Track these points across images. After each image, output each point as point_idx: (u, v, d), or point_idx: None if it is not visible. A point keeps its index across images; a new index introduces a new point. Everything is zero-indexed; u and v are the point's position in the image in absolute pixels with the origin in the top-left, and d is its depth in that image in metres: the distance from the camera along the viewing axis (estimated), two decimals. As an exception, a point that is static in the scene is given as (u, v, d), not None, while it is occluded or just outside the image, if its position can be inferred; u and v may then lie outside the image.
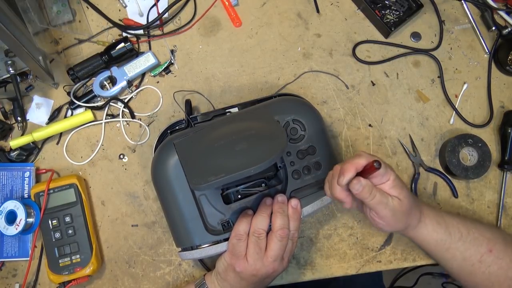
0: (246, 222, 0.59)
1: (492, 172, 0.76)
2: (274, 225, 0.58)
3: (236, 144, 0.57)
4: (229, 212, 0.61)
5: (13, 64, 0.69)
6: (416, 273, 1.24)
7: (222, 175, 0.52)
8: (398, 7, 0.79)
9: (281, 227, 0.58)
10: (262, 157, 0.53)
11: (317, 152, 0.65)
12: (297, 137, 0.65)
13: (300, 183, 0.63)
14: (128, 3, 0.79)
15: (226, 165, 0.54)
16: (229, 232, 0.60)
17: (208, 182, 0.52)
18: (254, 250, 0.57)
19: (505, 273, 0.60)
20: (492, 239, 0.62)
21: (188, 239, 0.61)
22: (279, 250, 0.58)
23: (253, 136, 0.58)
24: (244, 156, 0.55)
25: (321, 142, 0.66)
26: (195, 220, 0.61)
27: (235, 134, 0.59)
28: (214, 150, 0.57)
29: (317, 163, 0.64)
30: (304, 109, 0.67)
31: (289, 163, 0.63)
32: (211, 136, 0.60)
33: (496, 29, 0.79)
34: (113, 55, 0.74)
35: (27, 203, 0.68)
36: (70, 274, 0.67)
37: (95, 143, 0.75)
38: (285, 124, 0.64)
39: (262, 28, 0.79)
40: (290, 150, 0.64)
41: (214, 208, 0.61)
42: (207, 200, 0.61)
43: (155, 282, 0.71)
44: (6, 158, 0.72)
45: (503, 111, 0.78)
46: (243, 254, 0.58)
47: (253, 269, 0.58)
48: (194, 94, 0.76)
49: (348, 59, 0.79)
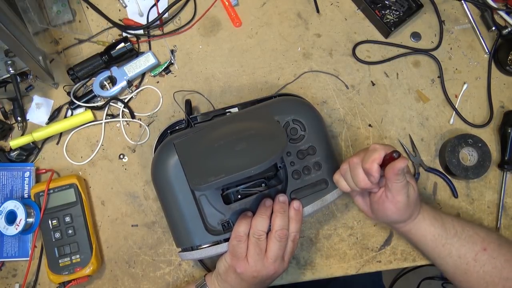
0: (246, 223, 0.59)
1: (492, 172, 0.76)
2: (274, 226, 0.58)
3: (236, 144, 0.57)
4: (229, 212, 0.61)
5: (13, 64, 0.69)
6: (415, 274, 1.23)
7: (222, 175, 0.52)
8: (398, 7, 0.79)
9: (281, 227, 0.58)
10: (262, 157, 0.53)
11: (317, 152, 0.65)
12: (297, 137, 0.65)
13: (300, 183, 0.63)
14: (128, 3, 0.79)
15: (226, 165, 0.54)
16: (229, 232, 0.60)
17: (208, 183, 0.52)
18: (255, 251, 0.58)
19: (499, 273, 0.60)
20: (486, 238, 0.62)
21: (188, 239, 0.61)
22: (278, 250, 0.58)
23: (253, 136, 0.58)
24: (244, 156, 0.55)
25: (321, 142, 0.66)
26: (195, 220, 0.61)
27: (235, 134, 0.59)
28: (214, 150, 0.57)
29: (317, 163, 0.64)
30: (304, 109, 0.67)
31: (289, 163, 0.63)
32: (211, 136, 0.60)
33: (496, 29, 0.79)
34: (113, 55, 0.74)
35: (27, 203, 0.68)
36: (70, 274, 0.67)
37: (95, 143, 0.75)
38: (285, 124, 0.64)
39: (262, 28, 0.79)
40: (290, 150, 0.64)
41: (214, 208, 0.61)
42: (207, 200, 0.61)
43: (155, 282, 0.71)
44: (6, 158, 0.72)
45: (503, 111, 0.78)
46: (244, 255, 0.58)
47: (254, 270, 0.58)
48: (194, 94, 0.76)
49: (348, 59, 0.79)
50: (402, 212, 0.60)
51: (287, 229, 0.59)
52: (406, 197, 0.58)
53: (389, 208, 0.59)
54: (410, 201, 0.59)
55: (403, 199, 0.58)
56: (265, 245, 0.58)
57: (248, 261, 0.58)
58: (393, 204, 0.59)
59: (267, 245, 0.58)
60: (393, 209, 0.59)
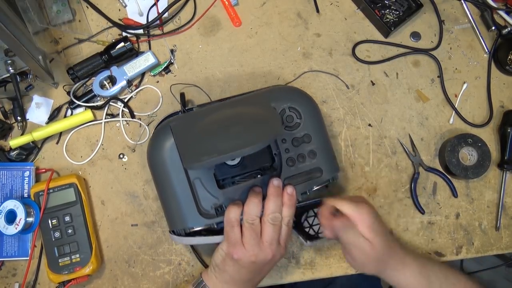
0: (235, 209, 0.59)
1: (491, 171, 0.76)
2: (267, 210, 0.58)
3: (230, 127, 0.57)
4: (223, 197, 0.62)
5: (13, 64, 0.69)
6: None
7: (215, 155, 0.52)
8: (397, 7, 0.79)
9: (273, 211, 0.58)
10: (254, 140, 0.53)
11: (312, 140, 0.65)
12: (292, 125, 0.65)
13: (294, 171, 0.63)
14: (128, 2, 0.79)
15: (219, 146, 0.54)
16: (222, 216, 0.60)
17: (201, 162, 0.53)
18: (250, 236, 0.58)
19: None
20: (468, 282, 0.64)
21: (181, 221, 0.62)
22: (273, 233, 0.58)
23: (247, 120, 0.59)
24: (238, 138, 0.55)
25: (317, 131, 0.65)
26: (188, 203, 0.61)
27: (231, 117, 0.59)
28: (209, 132, 0.58)
29: (312, 152, 0.64)
30: (300, 97, 0.67)
31: (284, 150, 0.64)
32: (207, 120, 0.60)
33: (495, 29, 0.79)
34: (113, 54, 0.74)
35: (26, 202, 0.68)
36: (69, 273, 0.67)
37: (94, 143, 0.75)
38: (281, 112, 0.64)
39: (262, 28, 0.79)
40: (285, 137, 0.64)
41: (208, 192, 0.62)
42: (201, 184, 0.62)
43: (154, 282, 0.71)
44: (5, 157, 0.72)
45: (502, 110, 0.78)
46: (239, 241, 0.58)
47: (251, 255, 0.58)
48: (193, 91, 0.76)
49: (348, 58, 0.79)
50: (362, 266, 0.62)
51: (280, 213, 0.59)
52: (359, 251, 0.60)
53: (350, 261, 0.63)
54: (367, 256, 0.60)
55: (356, 253, 0.60)
56: (260, 229, 0.58)
57: (245, 246, 0.58)
58: (351, 257, 0.62)
59: (262, 229, 0.58)
60: (353, 263, 0.62)
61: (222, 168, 0.64)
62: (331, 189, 0.73)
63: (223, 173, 0.64)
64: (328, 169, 0.64)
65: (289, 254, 0.72)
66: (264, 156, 0.65)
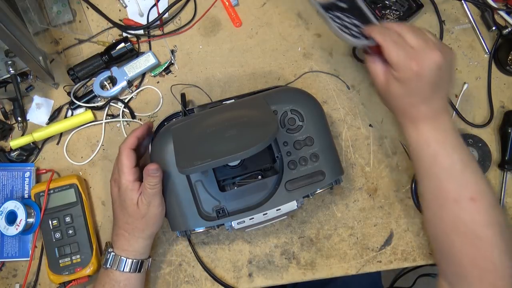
0: None
1: (492, 172, 0.76)
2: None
3: (226, 130, 0.57)
4: (224, 199, 0.62)
5: (13, 64, 0.69)
6: (415, 274, 1.24)
7: (209, 160, 0.53)
8: (398, 7, 0.79)
9: None
10: (249, 144, 0.53)
11: (314, 143, 0.64)
12: (294, 128, 0.64)
13: (296, 174, 0.63)
14: (128, 3, 0.79)
15: (214, 150, 0.55)
16: (223, 219, 0.61)
17: (194, 166, 0.53)
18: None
19: (472, 229, 0.57)
20: (484, 192, 0.58)
21: (183, 223, 0.63)
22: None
23: (243, 123, 0.59)
24: (233, 142, 0.55)
25: (320, 134, 0.65)
26: (189, 205, 0.62)
27: (227, 121, 0.59)
28: (204, 136, 0.58)
29: (314, 155, 0.64)
30: (303, 99, 0.66)
31: (285, 153, 0.64)
32: (205, 123, 0.60)
33: (496, 29, 0.79)
34: (113, 55, 0.74)
35: (27, 203, 0.68)
36: (70, 274, 0.67)
37: (95, 143, 0.75)
38: (283, 114, 0.64)
39: (262, 28, 0.79)
40: (287, 140, 0.64)
41: (210, 194, 0.62)
42: (202, 186, 0.62)
43: (155, 282, 0.71)
44: (6, 158, 0.72)
45: (503, 111, 0.78)
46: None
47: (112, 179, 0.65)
48: (193, 92, 0.76)
49: (348, 59, 0.79)
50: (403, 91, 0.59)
51: None
52: (402, 53, 0.56)
53: (393, 74, 0.59)
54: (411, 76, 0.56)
55: (399, 56, 0.57)
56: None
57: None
58: (394, 66, 0.58)
59: None
60: (395, 74, 0.58)
61: (223, 169, 0.64)
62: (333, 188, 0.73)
63: (224, 173, 0.64)
64: (331, 172, 0.64)
65: (290, 255, 0.72)
66: (265, 157, 0.65)
